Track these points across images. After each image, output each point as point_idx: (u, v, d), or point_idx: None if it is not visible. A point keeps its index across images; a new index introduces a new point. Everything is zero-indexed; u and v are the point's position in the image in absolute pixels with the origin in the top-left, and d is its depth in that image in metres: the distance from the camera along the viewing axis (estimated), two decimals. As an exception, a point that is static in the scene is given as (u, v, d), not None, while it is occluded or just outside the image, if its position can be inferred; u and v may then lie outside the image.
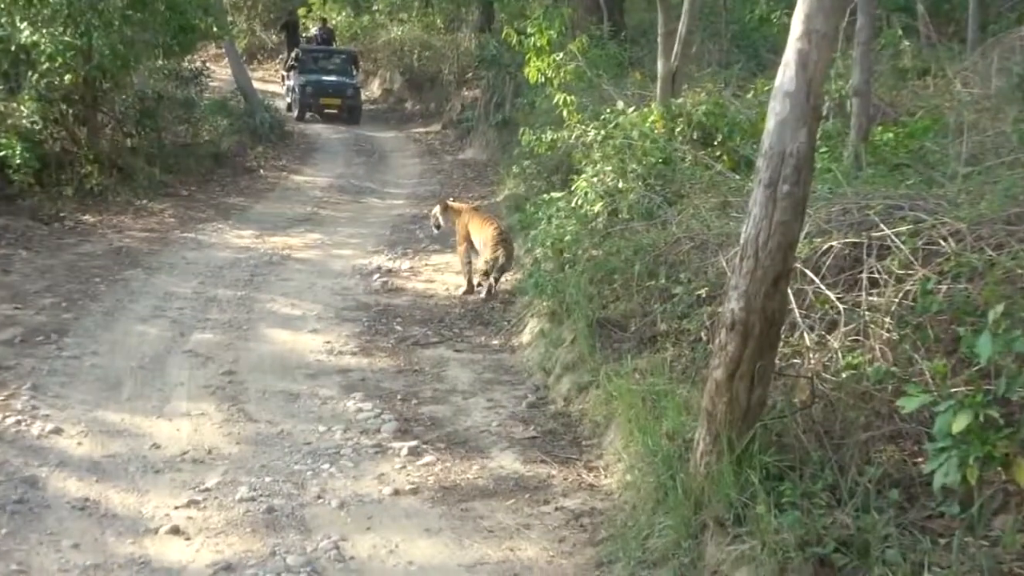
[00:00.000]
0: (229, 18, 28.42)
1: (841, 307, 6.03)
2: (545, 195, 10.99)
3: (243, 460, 6.96)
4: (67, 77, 15.00)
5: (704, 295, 7.32)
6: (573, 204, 9.95)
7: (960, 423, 4.31)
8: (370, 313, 10.75)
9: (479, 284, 11.43)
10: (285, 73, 30.72)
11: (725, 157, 10.25)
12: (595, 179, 9.96)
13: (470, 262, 11.56)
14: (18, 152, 13.91)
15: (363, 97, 30.08)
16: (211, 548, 5.80)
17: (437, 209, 12.52)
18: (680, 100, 11.09)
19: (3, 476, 6.54)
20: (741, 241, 5.20)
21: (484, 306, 11.01)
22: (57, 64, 14.70)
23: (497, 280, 11.31)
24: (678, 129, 10.66)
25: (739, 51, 17.58)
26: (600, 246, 9.13)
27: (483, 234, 11.37)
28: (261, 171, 20.01)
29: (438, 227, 12.57)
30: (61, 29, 14.76)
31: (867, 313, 5.93)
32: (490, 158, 20.76)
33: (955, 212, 6.34)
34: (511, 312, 10.58)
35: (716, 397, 5.28)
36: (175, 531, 5.95)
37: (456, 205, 12.54)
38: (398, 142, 25.55)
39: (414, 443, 7.25)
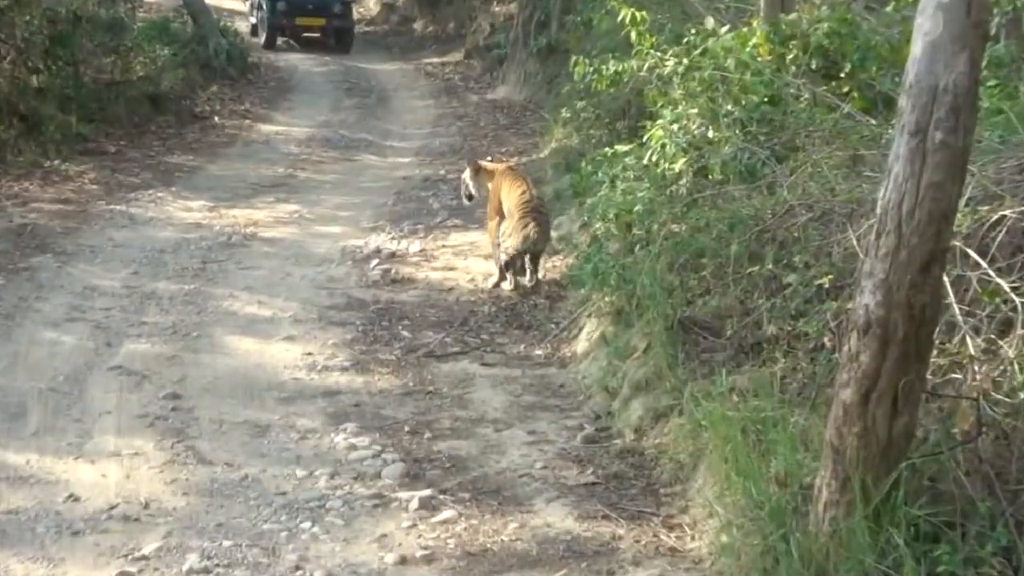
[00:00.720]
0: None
1: (1018, 301, 6.00)
2: (607, 149, 10.99)
3: (193, 517, 7.00)
4: (-51, -8, 15.17)
5: (827, 285, 7.30)
6: (646, 161, 9.95)
7: None
8: (366, 313, 10.81)
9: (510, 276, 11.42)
10: (248, -16, 30.90)
11: (855, 94, 10.19)
12: (676, 126, 9.95)
13: (504, 242, 11.57)
14: None
15: (355, 16, 30.19)
16: (150, 637, 5.87)
17: (468, 174, 12.56)
18: (793, 16, 11.03)
19: None
20: (878, 211, 5.18)
21: (523, 303, 11.04)
22: (-64, -25, 14.85)
23: (535, 269, 11.27)
24: (790, 56, 10.60)
25: (875, -53, 17.49)
26: (683, 219, 9.13)
27: (509, 199, 11.41)
28: (216, 119, 20.17)
29: (470, 198, 12.61)
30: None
31: (1055, 310, 5.90)
32: (530, 98, 20.81)
33: None
34: (560, 311, 10.60)
35: (845, 427, 5.27)
36: (101, 614, 6.02)
37: (490, 166, 12.55)
38: (404, 77, 25.65)
39: (427, 493, 7.27)
